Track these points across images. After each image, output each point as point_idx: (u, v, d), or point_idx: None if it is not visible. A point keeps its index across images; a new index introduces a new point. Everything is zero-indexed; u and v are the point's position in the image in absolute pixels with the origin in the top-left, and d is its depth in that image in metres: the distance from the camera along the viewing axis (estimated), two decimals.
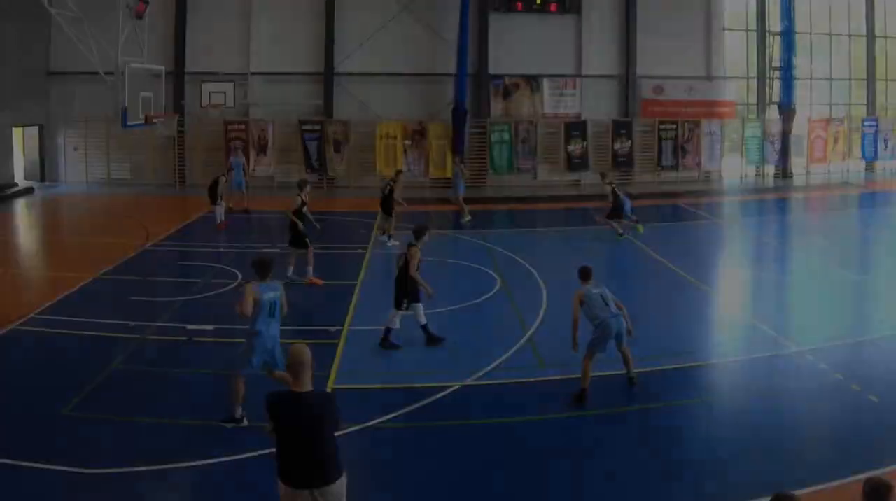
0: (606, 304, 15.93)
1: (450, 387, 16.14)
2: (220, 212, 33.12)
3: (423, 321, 19.13)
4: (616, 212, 31.33)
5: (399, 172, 32.96)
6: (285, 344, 12.41)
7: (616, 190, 31.69)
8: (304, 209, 24.65)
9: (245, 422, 13.89)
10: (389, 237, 30.77)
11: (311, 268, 24.40)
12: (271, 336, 14.06)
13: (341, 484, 9.23)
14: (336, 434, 9.47)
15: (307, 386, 9.23)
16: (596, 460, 13.31)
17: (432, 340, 19.04)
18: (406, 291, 18.87)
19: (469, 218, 35.18)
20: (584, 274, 16.55)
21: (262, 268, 14.35)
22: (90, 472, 12.48)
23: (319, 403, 9.34)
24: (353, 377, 16.80)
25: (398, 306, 18.90)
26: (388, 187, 31.08)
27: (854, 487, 10.64)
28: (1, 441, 13.36)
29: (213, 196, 33.13)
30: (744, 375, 17.60)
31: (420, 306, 19.05)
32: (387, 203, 30.88)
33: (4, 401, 15.39)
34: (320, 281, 24.28)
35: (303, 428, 9.08)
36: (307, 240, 24.53)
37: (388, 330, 18.96)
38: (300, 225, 24.38)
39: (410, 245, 19.21)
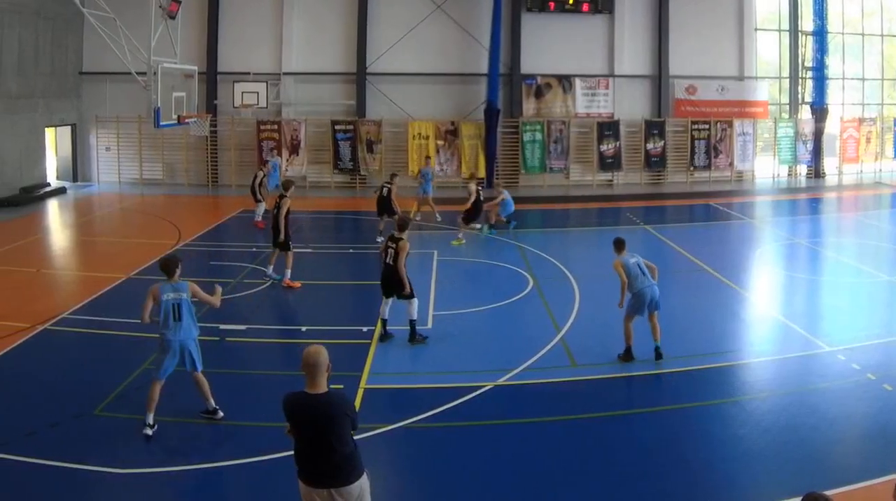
0: (643, 273, 17.63)
1: (482, 387, 16.07)
2: (260, 210, 32.91)
3: (415, 316, 19.10)
4: (474, 214, 31.38)
5: (394, 175, 32.57)
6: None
7: (480, 193, 31.62)
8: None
9: (150, 432, 13.64)
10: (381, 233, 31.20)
11: (289, 271, 23.96)
12: (178, 339, 13.92)
13: (361, 485, 9.21)
14: (353, 433, 9.36)
15: (322, 388, 9.13)
16: (628, 459, 13.14)
17: (415, 338, 19.01)
18: (400, 282, 18.99)
19: (440, 219, 35.01)
20: (619, 245, 18.16)
21: (164, 268, 14.36)
22: (122, 472, 12.53)
23: (333, 404, 9.16)
24: (385, 377, 16.80)
25: (411, 296, 18.92)
26: (387, 189, 30.99)
27: (886, 487, 10.63)
28: (33, 440, 13.46)
29: (255, 193, 33.20)
30: (776, 375, 17.34)
31: (415, 301, 19.18)
32: (385, 204, 30.79)
33: (37, 401, 15.38)
34: (298, 284, 23.82)
35: (317, 429, 9.02)
36: (290, 242, 24.11)
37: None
38: (285, 231, 23.80)
39: (398, 238, 18.99)
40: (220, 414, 14.38)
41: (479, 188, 31.96)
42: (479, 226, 31.71)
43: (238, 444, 13.60)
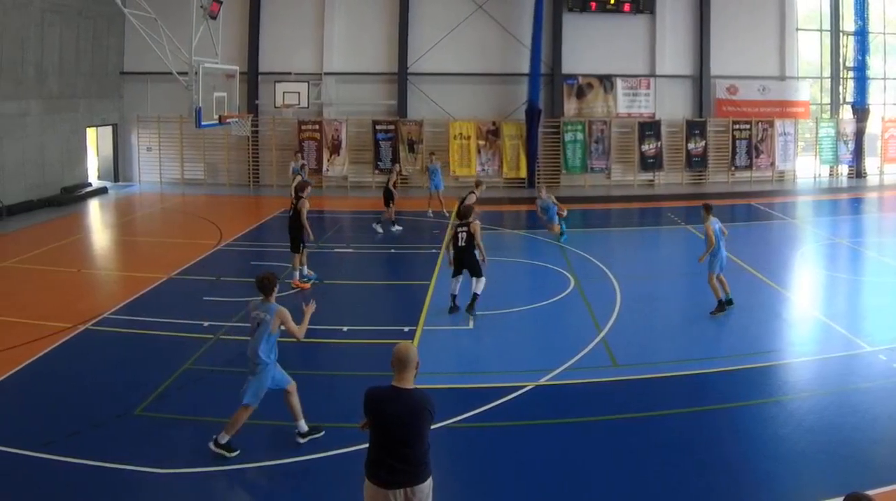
0: (723, 235, 21.12)
1: (523, 387, 15.95)
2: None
3: (479, 291, 20.90)
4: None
5: (394, 163, 33.81)
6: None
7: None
8: None
9: (301, 441, 13.33)
10: (394, 223, 32.60)
11: (297, 274, 23.81)
12: (247, 354, 13.39)
13: (430, 484, 9.09)
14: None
15: (409, 384, 9.05)
16: (670, 459, 13.01)
17: (472, 308, 20.78)
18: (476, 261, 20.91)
19: (448, 214, 35.21)
20: (708, 209, 21.59)
21: (260, 287, 13.46)
22: (164, 472, 12.51)
23: (418, 400, 9.03)
24: (426, 377, 15.97)
25: (481, 274, 20.94)
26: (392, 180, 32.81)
27: None
28: (76, 441, 13.42)
29: None
30: (817, 375, 17.17)
31: (483, 279, 20.98)
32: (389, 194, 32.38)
33: (79, 401, 15.38)
34: (307, 286, 23.64)
35: (402, 425, 8.88)
36: (304, 245, 23.83)
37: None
38: (307, 230, 23.60)
39: (465, 223, 20.92)
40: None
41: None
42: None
43: (278, 443, 13.55)
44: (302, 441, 13.41)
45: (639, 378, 16.51)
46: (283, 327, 13.23)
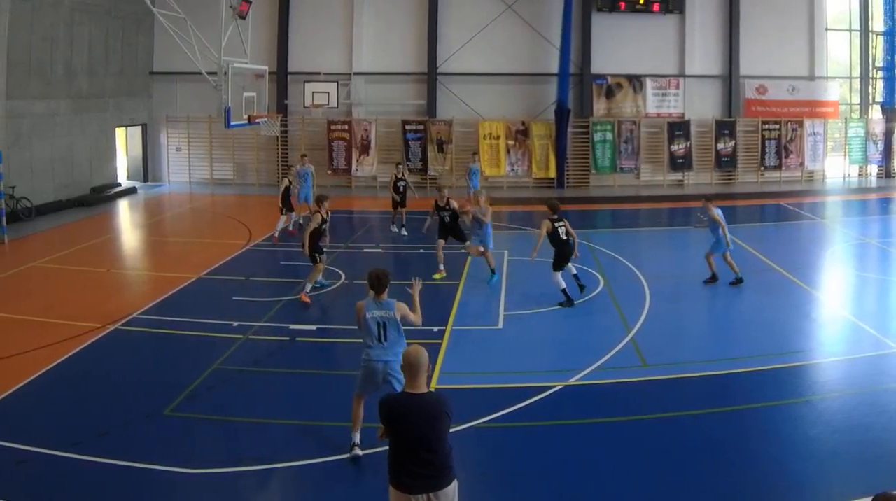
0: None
1: (552, 387, 15.84)
2: (282, 222, 30.98)
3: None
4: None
5: (398, 164, 33.52)
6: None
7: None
8: (325, 226, 22.85)
9: (357, 452, 12.76)
10: (394, 224, 32.75)
11: (308, 286, 22.70)
12: (382, 359, 12.67)
13: (455, 487, 8.95)
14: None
15: (423, 388, 8.96)
16: (699, 459, 12.91)
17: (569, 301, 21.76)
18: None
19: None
20: (712, 198, 24.46)
21: (372, 284, 13.21)
22: (193, 472, 12.43)
23: (435, 403, 8.94)
24: (455, 377, 16.54)
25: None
26: (403, 184, 32.42)
27: None
28: (106, 441, 13.36)
29: (286, 203, 31.05)
30: (847, 375, 16.93)
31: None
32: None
33: (108, 401, 15.29)
34: (308, 300, 22.36)
35: (420, 430, 8.75)
36: (319, 258, 22.82)
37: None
38: (307, 245, 22.35)
39: (560, 218, 21.98)
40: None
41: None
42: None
43: (308, 444, 13.40)
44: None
45: (668, 378, 16.41)
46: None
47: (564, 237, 21.83)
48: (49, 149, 37.69)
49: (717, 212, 23.63)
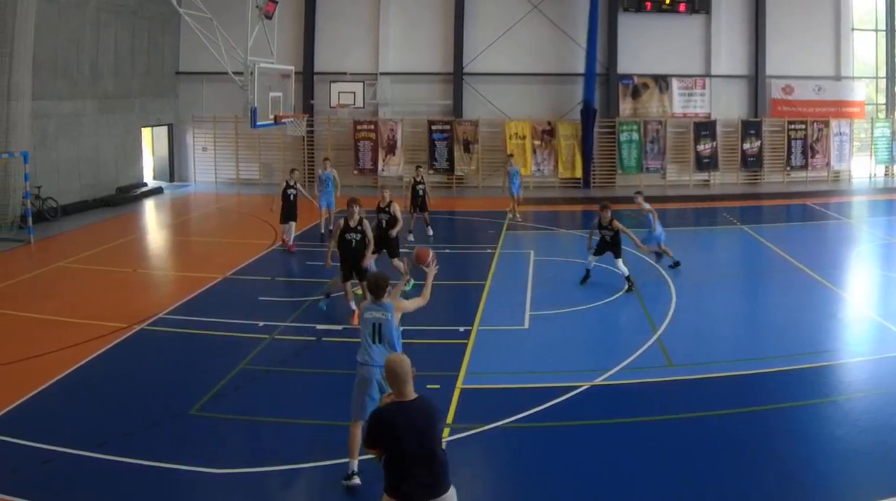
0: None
1: (578, 387, 15.73)
2: (292, 228, 29.20)
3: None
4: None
5: (417, 167, 32.48)
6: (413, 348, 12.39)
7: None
8: (349, 235, 20.17)
9: (357, 480, 11.85)
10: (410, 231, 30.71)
11: (352, 304, 20.34)
12: (376, 365, 11.88)
13: (454, 493, 8.79)
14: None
15: (412, 394, 8.75)
16: (725, 459, 12.77)
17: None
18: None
19: (519, 218, 34.40)
20: (641, 193, 26.44)
21: (371, 289, 12.35)
22: (218, 472, 12.39)
23: (428, 408, 8.78)
24: (481, 377, 16.47)
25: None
26: (423, 188, 30.89)
27: None
28: (131, 440, 13.30)
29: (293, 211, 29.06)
30: (873, 375, 16.75)
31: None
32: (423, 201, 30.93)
33: (134, 401, 15.21)
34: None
35: (419, 438, 8.53)
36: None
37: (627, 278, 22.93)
38: (335, 253, 20.70)
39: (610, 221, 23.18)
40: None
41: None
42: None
43: (334, 444, 13.01)
44: None
45: (694, 378, 16.26)
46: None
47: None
48: (75, 149, 37.70)
49: (647, 205, 25.24)
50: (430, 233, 31.04)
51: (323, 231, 30.62)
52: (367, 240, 20.29)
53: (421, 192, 30.50)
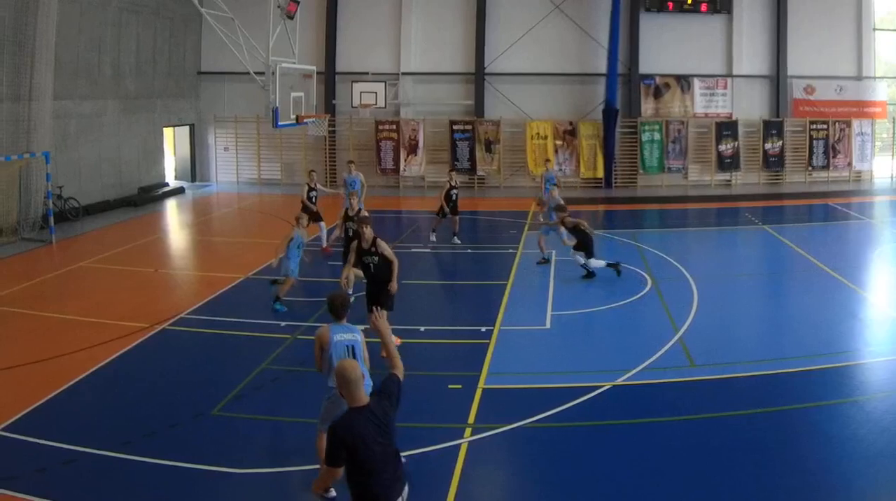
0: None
1: (600, 387, 15.76)
2: (324, 228, 29.22)
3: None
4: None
5: (452, 171, 31.55)
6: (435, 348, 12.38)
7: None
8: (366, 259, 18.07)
9: (332, 492, 11.56)
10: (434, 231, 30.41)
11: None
12: None
13: (407, 490, 8.83)
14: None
15: (365, 399, 8.60)
16: (747, 459, 12.72)
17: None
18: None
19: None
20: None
21: (332, 308, 12.33)
22: (240, 472, 12.47)
23: (382, 407, 8.66)
24: (503, 377, 16.51)
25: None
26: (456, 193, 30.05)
27: None
28: (154, 440, 13.41)
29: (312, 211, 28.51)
30: (894, 375, 16.65)
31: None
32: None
33: (156, 401, 15.33)
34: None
35: (381, 441, 8.48)
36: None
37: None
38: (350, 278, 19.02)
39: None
40: None
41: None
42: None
43: None
44: None
45: (716, 378, 16.26)
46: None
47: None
48: (97, 149, 37.79)
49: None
50: (457, 241, 30.09)
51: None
52: (390, 261, 17.68)
53: (454, 197, 29.91)
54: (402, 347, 17.53)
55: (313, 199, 28.91)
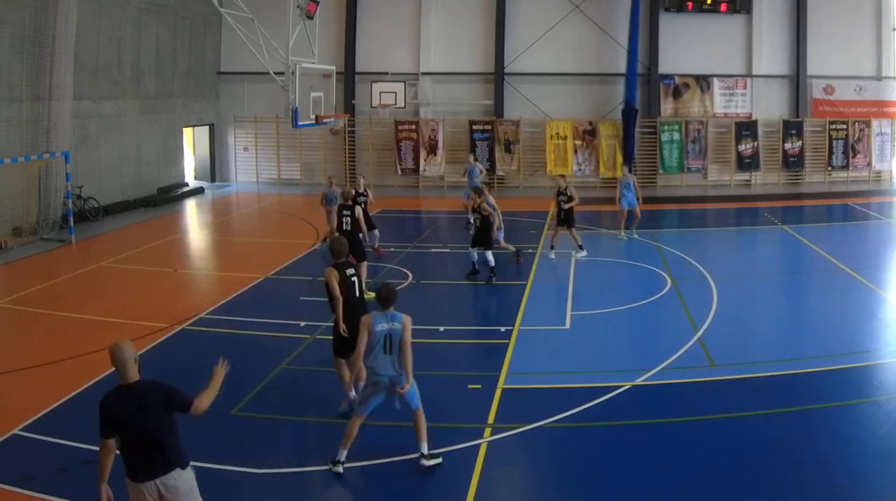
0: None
1: (620, 387, 15.69)
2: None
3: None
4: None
5: (562, 176, 30.01)
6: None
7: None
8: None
9: (341, 469, 12.34)
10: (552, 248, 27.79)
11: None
12: (388, 375, 12.37)
13: (187, 474, 9.28)
14: (189, 412, 9.41)
15: (133, 378, 9.06)
16: (766, 459, 12.66)
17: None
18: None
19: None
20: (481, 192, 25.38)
21: (380, 298, 12.58)
22: (259, 472, 12.48)
23: (145, 391, 9.07)
24: (523, 377, 16.46)
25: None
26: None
27: None
28: None
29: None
30: None
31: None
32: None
33: None
34: None
35: (134, 418, 8.88)
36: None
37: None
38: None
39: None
40: (433, 461, 12.50)
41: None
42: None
43: (374, 444, 13.20)
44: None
45: (736, 378, 16.19)
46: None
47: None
48: (116, 149, 37.93)
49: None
50: (520, 260, 27.10)
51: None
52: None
53: (564, 203, 27.61)
54: (423, 347, 17.55)
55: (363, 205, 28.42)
